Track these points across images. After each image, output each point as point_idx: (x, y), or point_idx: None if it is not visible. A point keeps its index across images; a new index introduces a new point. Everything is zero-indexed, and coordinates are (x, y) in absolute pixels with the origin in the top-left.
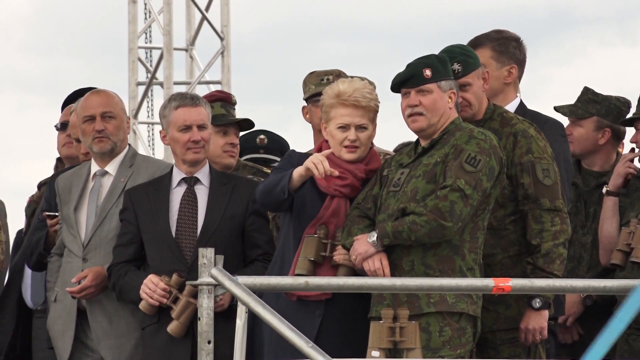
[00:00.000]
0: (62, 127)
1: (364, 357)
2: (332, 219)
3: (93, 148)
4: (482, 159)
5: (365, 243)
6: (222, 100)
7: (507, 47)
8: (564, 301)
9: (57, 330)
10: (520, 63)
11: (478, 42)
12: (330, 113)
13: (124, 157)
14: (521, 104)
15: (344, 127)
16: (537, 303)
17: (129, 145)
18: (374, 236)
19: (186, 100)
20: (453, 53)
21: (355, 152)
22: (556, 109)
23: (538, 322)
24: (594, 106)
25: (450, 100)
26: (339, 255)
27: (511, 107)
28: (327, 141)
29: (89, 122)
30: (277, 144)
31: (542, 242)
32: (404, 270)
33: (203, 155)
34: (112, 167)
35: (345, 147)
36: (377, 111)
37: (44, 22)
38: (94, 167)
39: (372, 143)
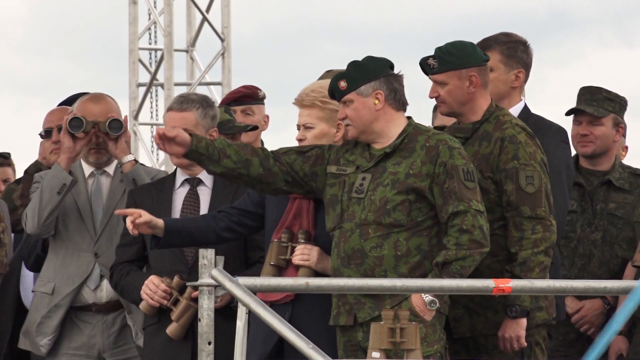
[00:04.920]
0: (47, 134)
1: (335, 354)
2: (295, 221)
3: (89, 158)
4: (472, 168)
5: (430, 313)
6: (248, 96)
7: (516, 51)
8: (563, 304)
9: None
10: (527, 67)
11: (486, 44)
12: None
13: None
14: (525, 108)
15: (298, 127)
16: (512, 312)
17: None
18: (435, 303)
19: (175, 104)
20: (438, 49)
21: None
22: (577, 110)
23: (514, 330)
24: (610, 104)
25: (377, 101)
26: (295, 257)
27: (515, 110)
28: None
29: None
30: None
31: (521, 250)
32: None
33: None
34: (110, 168)
35: None
36: (337, 110)
37: (41, 22)
38: (88, 169)
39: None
